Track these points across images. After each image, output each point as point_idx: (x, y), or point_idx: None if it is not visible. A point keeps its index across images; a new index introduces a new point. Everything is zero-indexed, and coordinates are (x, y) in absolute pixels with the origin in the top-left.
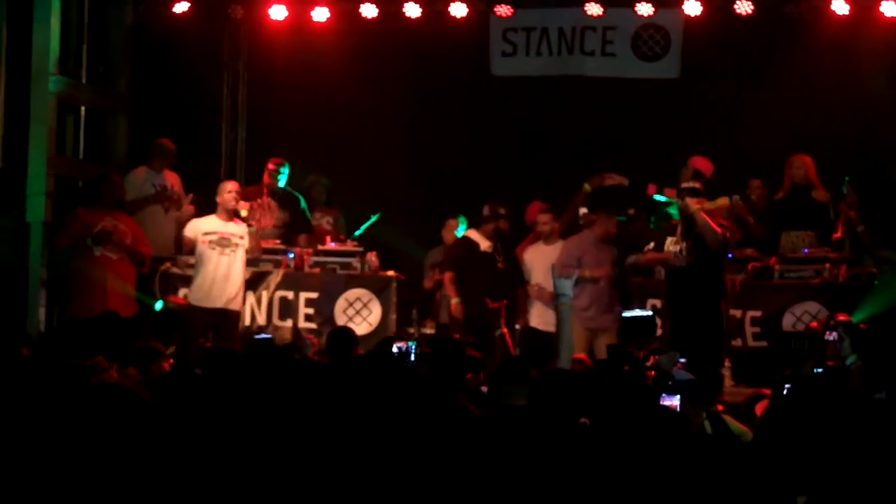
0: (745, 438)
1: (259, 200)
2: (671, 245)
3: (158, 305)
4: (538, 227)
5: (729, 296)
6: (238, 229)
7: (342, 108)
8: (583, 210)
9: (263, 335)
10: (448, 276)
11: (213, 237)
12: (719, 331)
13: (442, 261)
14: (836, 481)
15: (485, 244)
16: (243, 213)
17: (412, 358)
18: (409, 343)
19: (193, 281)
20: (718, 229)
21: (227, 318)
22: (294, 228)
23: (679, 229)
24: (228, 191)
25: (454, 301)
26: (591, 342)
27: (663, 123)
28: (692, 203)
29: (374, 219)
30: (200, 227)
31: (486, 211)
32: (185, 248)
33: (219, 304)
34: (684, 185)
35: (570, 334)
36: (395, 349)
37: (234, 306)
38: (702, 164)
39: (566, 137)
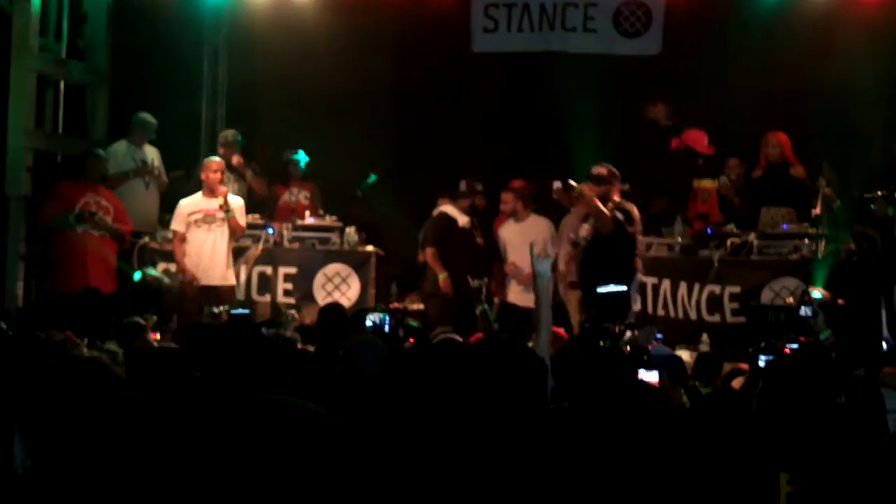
0: None
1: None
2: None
3: (137, 276)
4: (501, 206)
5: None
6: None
7: (323, 85)
8: (556, 184)
9: (241, 310)
10: (430, 251)
11: (198, 216)
12: (626, 307)
13: (422, 237)
14: (816, 456)
15: (462, 220)
16: (219, 200)
17: (386, 329)
18: (382, 315)
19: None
20: (607, 213)
21: (223, 293)
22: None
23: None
24: (214, 170)
25: (442, 276)
26: None
27: (645, 100)
28: (586, 189)
29: (372, 178)
30: (184, 211)
31: (462, 186)
32: (179, 237)
33: (214, 281)
34: (592, 171)
35: (549, 313)
36: (369, 322)
37: (228, 281)
38: (695, 139)
39: (547, 113)
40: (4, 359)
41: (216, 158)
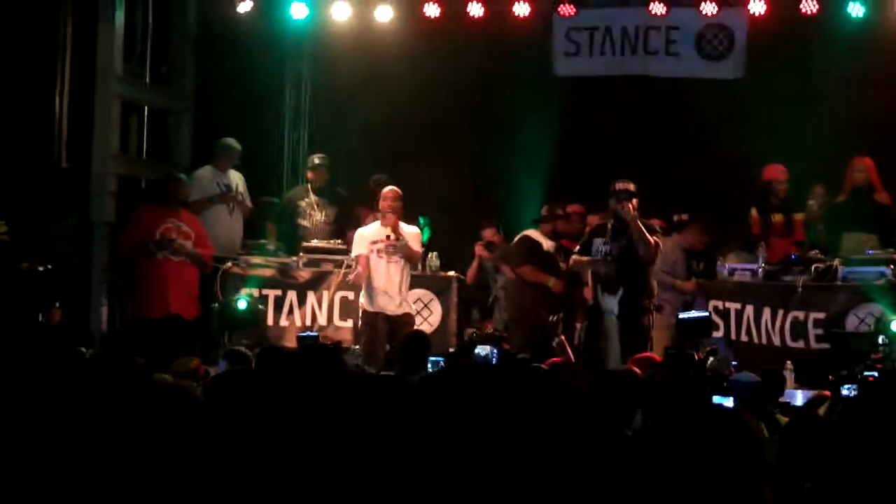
0: None
1: (307, 199)
2: (600, 245)
3: (244, 302)
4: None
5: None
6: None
7: (405, 109)
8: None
9: (309, 333)
10: (527, 269)
11: (380, 245)
12: (644, 335)
13: (510, 260)
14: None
15: (547, 244)
16: (390, 232)
17: (494, 361)
18: (494, 348)
19: (365, 288)
20: (652, 240)
21: (405, 322)
22: (342, 224)
23: (609, 230)
24: (388, 199)
25: (552, 281)
26: None
27: (728, 124)
28: (630, 208)
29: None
30: (367, 238)
31: (544, 210)
32: (363, 260)
33: (397, 310)
34: (619, 186)
35: (617, 349)
36: (480, 353)
37: (409, 309)
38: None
39: (628, 138)
40: (86, 383)
41: (392, 187)
